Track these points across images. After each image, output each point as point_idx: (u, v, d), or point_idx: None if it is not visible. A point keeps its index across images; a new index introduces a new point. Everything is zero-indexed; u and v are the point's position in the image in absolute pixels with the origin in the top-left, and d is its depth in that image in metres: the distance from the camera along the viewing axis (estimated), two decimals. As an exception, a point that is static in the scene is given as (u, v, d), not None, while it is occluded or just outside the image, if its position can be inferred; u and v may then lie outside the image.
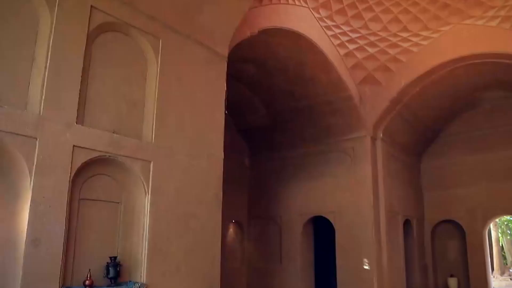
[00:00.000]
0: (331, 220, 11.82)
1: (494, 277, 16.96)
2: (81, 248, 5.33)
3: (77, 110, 5.43)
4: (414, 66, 11.01)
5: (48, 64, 5.18)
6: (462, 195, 13.86)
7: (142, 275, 5.76)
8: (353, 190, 11.50)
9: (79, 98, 5.46)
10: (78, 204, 5.44)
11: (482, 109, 13.81)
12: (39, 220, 4.81)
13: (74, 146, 5.33)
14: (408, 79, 11.18)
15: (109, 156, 5.74)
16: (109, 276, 5.35)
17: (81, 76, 5.50)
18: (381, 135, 11.95)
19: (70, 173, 5.24)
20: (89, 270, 5.19)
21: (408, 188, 13.54)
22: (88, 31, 5.67)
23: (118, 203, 5.95)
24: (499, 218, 18.26)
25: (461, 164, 13.95)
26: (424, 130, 13.90)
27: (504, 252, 24.14)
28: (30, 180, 4.85)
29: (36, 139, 4.96)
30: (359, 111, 11.43)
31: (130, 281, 5.64)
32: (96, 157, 5.59)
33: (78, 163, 5.38)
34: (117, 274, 5.39)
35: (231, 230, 12.83)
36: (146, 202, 6.05)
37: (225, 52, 7.87)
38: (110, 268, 5.35)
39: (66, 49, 5.37)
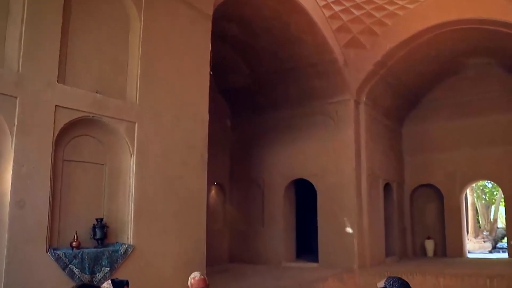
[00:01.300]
0: (314, 183, 11.92)
1: (468, 239, 17.56)
2: (67, 209, 5.25)
3: (58, 68, 5.25)
4: (399, 30, 10.91)
5: (25, 17, 4.92)
6: (441, 160, 14.11)
7: (129, 237, 5.74)
8: (336, 153, 11.56)
9: (59, 56, 5.25)
10: (62, 165, 5.33)
11: (465, 75, 13.87)
12: (23, 182, 4.69)
13: (56, 106, 5.18)
14: (393, 42, 11.09)
15: (93, 116, 5.60)
16: (96, 238, 5.31)
17: (61, 33, 5.26)
18: (365, 99, 11.95)
19: (53, 133, 5.11)
20: (76, 231, 5.13)
21: (389, 152, 13.71)
22: (65, -18, 5.38)
23: (103, 164, 5.86)
24: (475, 183, 18.75)
25: (442, 129, 14.13)
26: (407, 95, 13.95)
27: (479, 216, 24.97)
28: (12, 141, 4.71)
29: (16, 98, 4.78)
30: (343, 74, 11.36)
31: (117, 243, 5.62)
32: (79, 117, 5.45)
33: (61, 123, 5.23)
34: (104, 235, 5.36)
35: (213, 192, 12.85)
36: (131, 164, 5.96)
37: (210, 10, 7.64)
38: (96, 230, 5.31)
39: (42, 2, 5.10)
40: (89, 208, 5.53)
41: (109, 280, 3.68)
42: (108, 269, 5.23)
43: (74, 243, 5.02)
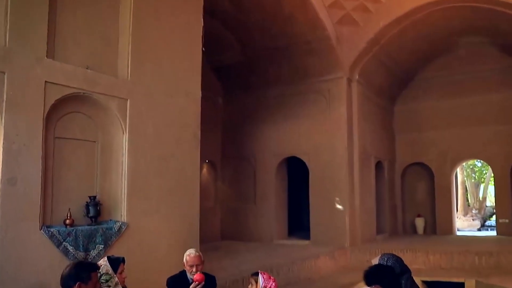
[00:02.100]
0: (305, 161, 11.95)
1: (458, 217, 17.83)
2: (59, 187, 5.19)
3: (47, 43, 5.10)
4: (392, 7, 10.80)
5: (10, -11, 4.76)
6: (433, 139, 14.20)
7: (122, 214, 5.70)
8: (328, 131, 11.56)
9: (48, 31, 5.10)
10: (53, 142, 5.24)
11: (457, 54, 13.85)
12: (14, 159, 4.61)
13: (46, 82, 5.05)
14: (386, 20, 11.00)
15: (84, 93, 5.48)
16: (89, 215, 5.27)
17: (49, 6, 5.11)
18: (357, 77, 11.91)
19: (44, 110, 5.00)
20: (69, 209, 5.08)
21: (381, 130, 13.75)
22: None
23: (95, 142, 5.77)
24: (466, 162, 18.94)
25: (434, 108, 14.18)
26: (400, 73, 13.93)
27: (468, 194, 25.32)
28: (1, 117, 4.60)
29: (4, 74, 4.65)
30: (336, 51, 11.27)
31: (110, 220, 5.58)
32: (70, 94, 5.33)
33: (51, 100, 5.12)
34: (98, 213, 5.31)
35: (205, 170, 12.83)
36: (124, 141, 5.88)
37: (201, -14, 7.47)
38: (90, 207, 5.26)
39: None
40: (82, 185, 5.46)
41: (105, 257, 3.67)
42: (102, 246, 5.20)
43: (67, 221, 4.97)
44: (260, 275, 4.21)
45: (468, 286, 8.99)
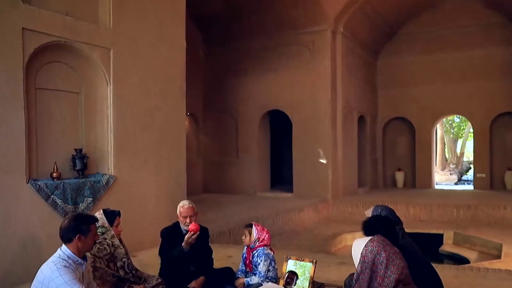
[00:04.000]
0: (289, 114, 11.89)
1: (436, 172, 18.26)
2: (44, 140, 5.02)
3: (22, -13, 4.77)
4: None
5: None
6: (415, 94, 14.27)
7: (110, 168, 5.59)
8: (312, 84, 11.46)
9: (21, -29, 4.76)
10: (35, 93, 5.02)
11: (442, 8, 13.71)
12: (-5, 110, 4.41)
13: (23, 28, 4.76)
14: (373, -29, 10.73)
15: (65, 41, 5.21)
16: (76, 169, 5.14)
17: None
18: (342, 29, 11.71)
19: (23, 59, 4.74)
20: (55, 162, 4.94)
21: (364, 84, 13.72)
22: None
23: (78, 93, 5.56)
24: (446, 117, 19.21)
25: (416, 63, 14.16)
26: (384, 27, 13.76)
27: (446, 150, 25.91)
28: (-22, 66, 4.35)
29: (-22, 19, 4.37)
30: (321, 3, 10.98)
31: (98, 173, 5.47)
32: (50, 42, 5.06)
33: (30, 48, 4.86)
34: (84, 166, 5.18)
35: (186, 122, 12.66)
36: (108, 93, 5.69)
37: None
38: (76, 160, 5.12)
39: None
40: (67, 138, 5.30)
41: (101, 210, 3.60)
42: (91, 199, 5.12)
43: (54, 174, 4.84)
44: (254, 226, 4.23)
45: (447, 237, 9.36)
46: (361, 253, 2.61)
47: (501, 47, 13.13)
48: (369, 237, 2.70)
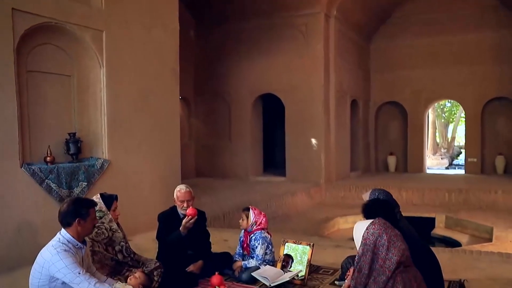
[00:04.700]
0: (282, 98, 11.83)
1: (428, 156, 18.39)
2: (36, 123, 4.95)
3: (11, -35, 4.64)
4: None
5: None
6: (407, 78, 14.22)
7: (104, 152, 5.54)
8: (305, 68, 11.38)
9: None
10: (26, 76, 4.93)
11: (437, -9, 13.63)
12: (-14, 93, 4.32)
13: (13, 9, 4.65)
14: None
15: (56, 23, 5.11)
16: (70, 153, 5.08)
17: None
18: (335, 12, 11.60)
19: (14, 41, 4.64)
20: (49, 146, 4.87)
21: (357, 68, 13.67)
22: None
23: (70, 76, 5.48)
24: (438, 102, 19.24)
25: (410, 47, 14.08)
26: (377, 10, 13.65)
27: (437, 134, 26.08)
28: (-31, 48, 4.25)
29: (-34, -2, 4.25)
30: (314, -15, 10.88)
31: (92, 157, 5.41)
32: (40, 23, 4.95)
33: (20, 29, 4.75)
34: (78, 150, 5.13)
35: (179, 106, 12.56)
36: (101, 76, 5.60)
37: None
38: (70, 144, 5.06)
39: None
40: (60, 122, 5.23)
41: (98, 194, 3.56)
42: (86, 183, 5.07)
43: (48, 158, 4.78)
44: (251, 210, 4.23)
45: (439, 220, 9.46)
46: (363, 236, 2.61)
47: (494, 31, 13.09)
48: (371, 220, 2.69)
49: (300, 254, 4.06)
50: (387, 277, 2.49)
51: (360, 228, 2.67)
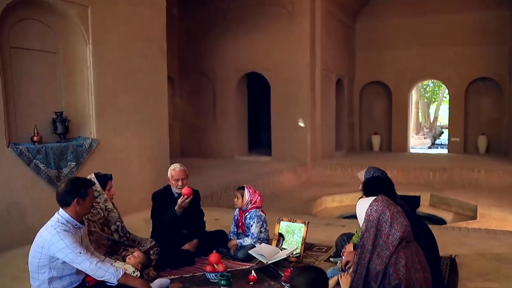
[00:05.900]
0: (267, 77, 11.74)
1: (411, 136, 18.56)
2: (21, 102, 4.80)
3: None
4: None
5: None
6: (392, 58, 14.23)
7: (92, 131, 5.42)
8: (290, 47, 11.27)
9: None
10: (9, 52, 4.75)
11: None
12: (-31, 70, 4.15)
13: (-6, -18, 4.45)
14: None
15: (38, -3, 4.91)
16: (57, 132, 4.95)
17: None
18: (321, -10, 11.49)
19: (-6, 16, 4.46)
20: (35, 126, 4.74)
21: (342, 48, 13.61)
22: None
23: (55, 53, 5.31)
24: (422, 82, 19.34)
25: (394, 27, 14.05)
26: (363, -12, 13.57)
27: (420, 114, 26.34)
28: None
29: None
30: (300, -38, 10.71)
31: (80, 137, 5.29)
32: (22, -3, 4.76)
33: (2, 4, 4.55)
34: (66, 129, 5.00)
35: (163, 86, 12.35)
36: (88, 53, 5.44)
37: None
38: (57, 124, 4.93)
39: None
40: (46, 100, 5.08)
41: (93, 174, 3.48)
42: (74, 163, 4.96)
43: (35, 138, 4.65)
44: (246, 189, 4.21)
45: (424, 199, 9.60)
46: (366, 212, 2.61)
47: (479, 12, 13.14)
48: (373, 197, 2.69)
49: (297, 232, 4.07)
50: (390, 252, 2.51)
51: (362, 205, 2.67)
